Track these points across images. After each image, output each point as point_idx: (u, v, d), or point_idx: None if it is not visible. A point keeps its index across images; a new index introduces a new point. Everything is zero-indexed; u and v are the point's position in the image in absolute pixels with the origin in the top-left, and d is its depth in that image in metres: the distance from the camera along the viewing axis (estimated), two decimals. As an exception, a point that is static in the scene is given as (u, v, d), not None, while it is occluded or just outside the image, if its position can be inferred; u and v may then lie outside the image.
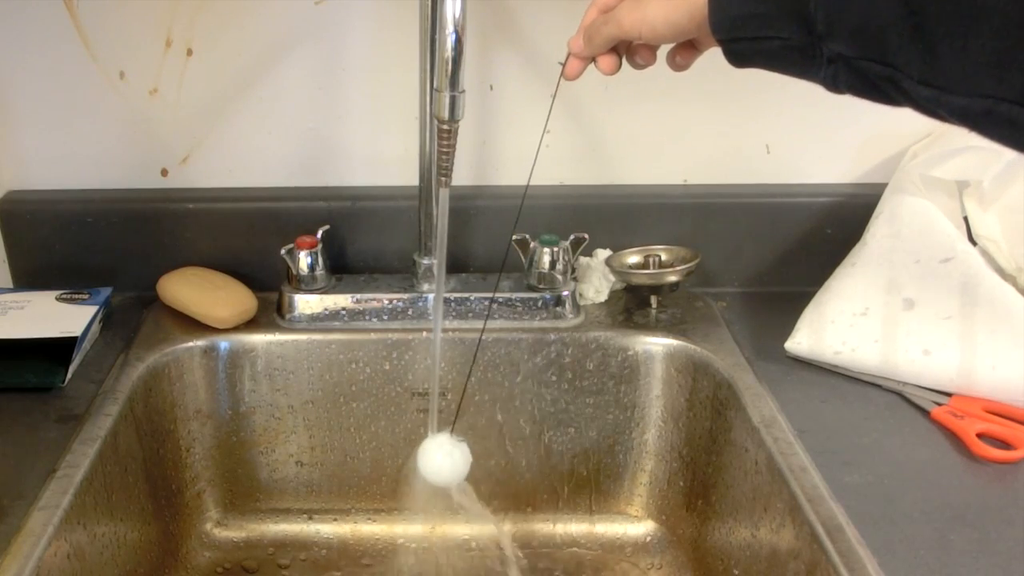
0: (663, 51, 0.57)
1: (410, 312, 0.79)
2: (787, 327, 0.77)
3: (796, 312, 0.78)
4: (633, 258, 0.82)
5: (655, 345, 0.78)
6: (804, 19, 0.43)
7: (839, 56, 0.43)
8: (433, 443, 0.65)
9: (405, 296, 0.79)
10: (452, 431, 0.65)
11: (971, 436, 0.64)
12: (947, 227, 0.74)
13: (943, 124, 0.43)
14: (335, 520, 0.84)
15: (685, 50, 0.56)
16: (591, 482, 0.84)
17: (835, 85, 0.45)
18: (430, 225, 0.77)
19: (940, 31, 0.38)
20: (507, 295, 0.79)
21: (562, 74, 0.58)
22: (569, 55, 0.57)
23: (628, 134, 0.83)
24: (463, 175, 0.84)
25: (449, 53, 0.54)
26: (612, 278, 0.83)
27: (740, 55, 0.48)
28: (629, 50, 0.56)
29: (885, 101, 0.44)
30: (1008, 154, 0.74)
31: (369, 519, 0.84)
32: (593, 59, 0.57)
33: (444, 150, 0.58)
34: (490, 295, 0.79)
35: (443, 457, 0.64)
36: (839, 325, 0.73)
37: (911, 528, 0.56)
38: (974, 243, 0.76)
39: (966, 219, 0.78)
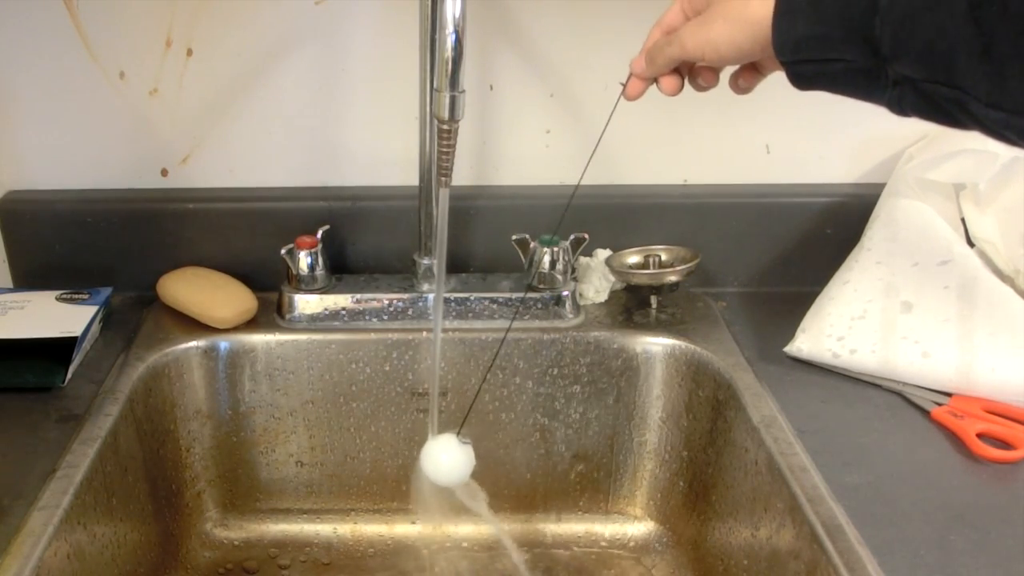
0: (725, 73, 0.56)
1: (410, 312, 0.79)
2: (787, 327, 0.77)
3: (796, 312, 0.78)
4: (633, 258, 0.82)
5: (655, 345, 0.78)
6: (870, 41, 0.43)
7: (905, 79, 0.43)
8: (437, 444, 0.65)
9: (405, 296, 0.79)
10: (459, 432, 0.65)
11: (971, 436, 0.64)
12: (944, 229, 0.74)
13: (939, 126, 0.43)
14: (335, 520, 0.84)
15: (748, 73, 0.56)
16: (591, 482, 0.84)
17: (900, 108, 0.44)
18: (430, 225, 0.77)
19: (1009, 53, 0.38)
20: (507, 295, 0.79)
21: (623, 93, 0.58)
22: (631, 75, 0.57)
23: (628, 134, 0.83)
24: (463, 175, 0.84)
25: (449, 53, 0.54)
26: (612, 278, 0.83)
27: (804, 77, 0.47)
28: (691, 71, 0.56)
29: (952, 124, 0.43)
30: (1004, 156, 0.74)
31: (369, 519, 0.84)
32: (655, 80, 0.56)
33: (444, 150, 0.58)
34: (491, 295, 0.79)
35: (448, 457, 0.64)
36: (837, 329, 0.73)
37: (911, 528, 0.56)
38: (972, 245, 0.76)
39: (963, 221, 0.78)
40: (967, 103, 0.40)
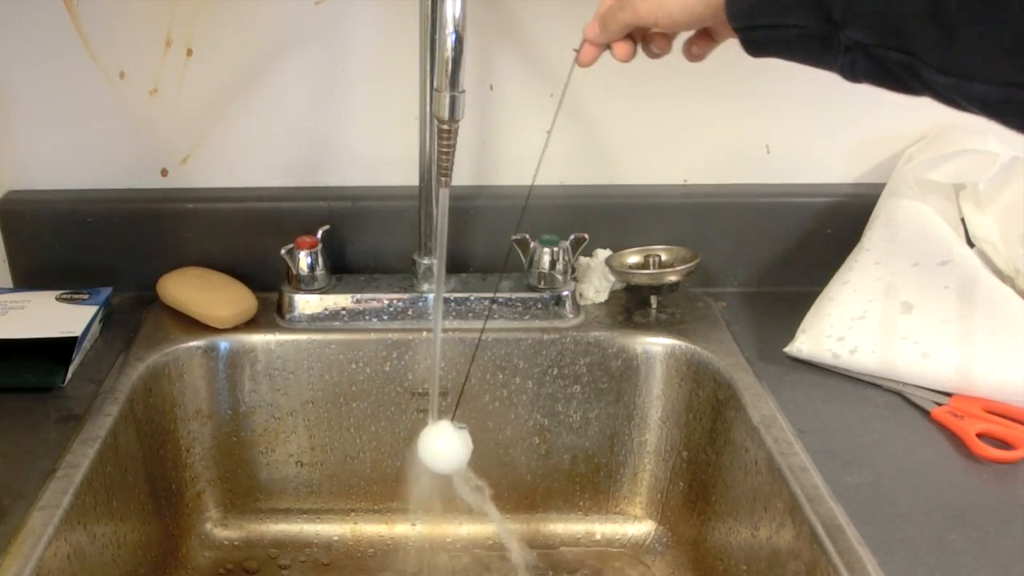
0: (679, 41, 0.56)
1: (410, 312, 0.79)
2: (787, 327, 0.77)
3: (796, 312, 0.78)
4: (633, 258, 0.82)
5: (655, 345, 0.78)
6: (822, 6, 0.43)
7: (857, 44, 0.43)
8: (433, 430, 0.65)
9: (405, 296, 0.79)
10: (453, 418, 0.65)
11: (971, 436, 0.64)
12: (944, 230, 0.74)
13: (939, 126, 0.43)
14: (335, 520, 0.84)
15: (702, 40, 0.56)
16: (591, 482, 0.84)
17: (852, 74, 0.44)
18: (430, 225, 0.77)
19: (959, 18, 0.38)
20: (507, 295, 0.79)
21: (576, 60, 0.58)
22: (584, 41, 0.57)
23: (628, 134, 0.83)
24: (463, 175, 0.84)
25: (449, 53, 0.54)
26: (612, 278, 0.83)
27: (757, 44, 0.48)
28: (644, 38, 0.56)
29: (903, 90, 0.43)
30: (1003, 156, 0.74)
31: (369, 519, 0.84)
32: (608, 46, 0.56)
33: (444, 150, 0.58)
34: (490, 295, 0.79)
35: (444, 444, 0.64)
36: (838, 329, 0.73)
37: (911, 528, 0.56)
38: (972, 245, 0.76)
39: (963, 221, 0.78)
40: (918, 68, 0.40)
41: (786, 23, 0.45)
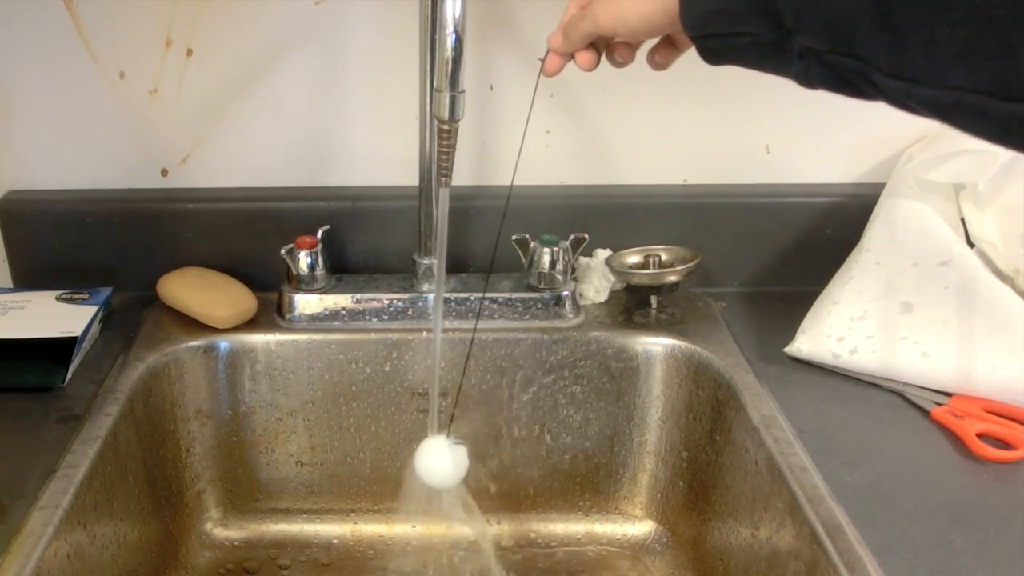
0: (643, 50, 0.57)
1: (410, 312, 0.79)
2: (787, 327, 0.77)
3: (796, 312, 0.78)
4: (633, 258, 0.82)
5: (655, 345, 0.78)
6: (772, 14, 0.43)
7: (809, 51, 0.43)
8: (430, 445, 0.65)
9: (405, 296, 0.79)
10: (448, 433, 0.65)
11: (971, 436, 0.64)
12: (944, 230, 0.74)
13: (938, 126, 0.43)
14: (335, 520, 0.84)
15: (665, 48, 0.56)
16: (591, 482, 0.84)
17: (808, 80, 0.44)
18: (430, 225, 0.77)
19: (907, 22, 0.37)
20: (507, 295, 0.79)
21: (541, 70, 0.58)
22: (548, 51, 0.57)
23: (628, 134, 0.83)
24: (463, 175, 0.84)
25: (449, 53, 0.54)
26: (612, 278, 0.83)
27: (713, 51, 0.48)
28: (608, 47, 0.56)
29: (857, 95, 0.43)
30: (1003, 156, 0.74)
31: (369, 519, 0.84)
32: (572, 55, 0.56)
33: (444, 150, 0.58)
34: (491, 295, 0.79)
35: (439, 459, 0.64)
36: (837, 329, 0.73)
37: (911, 528, 0.56)
38: (972, 245, 0.76)
39: (963, 221, 0.78)
40: (869, 73, 0.40)
41: (739, 31, 0.45)
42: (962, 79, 0.37)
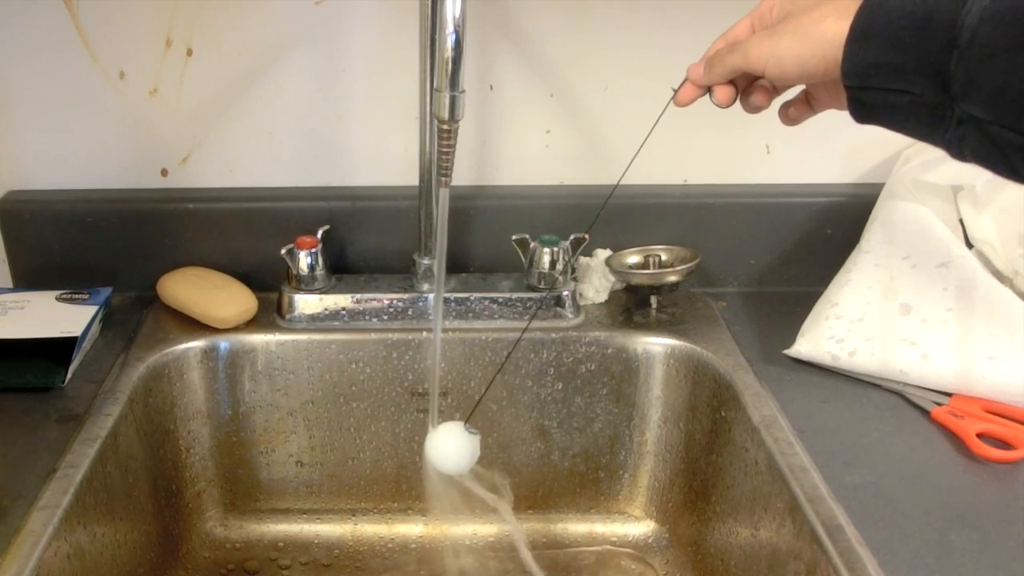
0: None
1: (410, 312, 0.79)
2: (787, 327, 0.77)
3: (796, 312, 0.78)
4: (633, 258, 0.82)
5: (655, 345, 0.78)
6: (942, 76, 0.41)
7: (971, 118, 0.42)
8: (447, 429, 0.65)
9: (405, 296, 0.79)
10: (467, 423, 0.65)
11: (971, 436, 0.64)
12: (942, 231, 0.74)
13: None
14: (336, 521, 0.84)
15: (801, 105, 0.55)
16: (591, 482, 0.84)
17: (959, 150, 0.43)
18: (430, 225, 0.77)
19: None
20: (507, 295, 0.79)
21: (673, 98, 0.58)
22: (686, 80, 0.56)
23: (628, 134, 0.83)
24: (463, 175, 0.84)
25: (449, 53, 0.54)
26: (612, 278, 0.83)
27: (865, 106, 0.46)
28: (747, 89, 0.55)
29: (1010, 174, 0.42)
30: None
31: (369, 519, 0.84)
32: (709, 89, 0.56)
33: (444, 150, 0.58)
34: (491, 295, 0.79)
35: (453, 444, 0.64)
36: (837, 331, 0.73)
37: (911, 528, 0.56)
38: (970, 246, 0.76)
39: (962, 222, 0.78)
40: None
41: (900, 88, 0.44)
42: None
